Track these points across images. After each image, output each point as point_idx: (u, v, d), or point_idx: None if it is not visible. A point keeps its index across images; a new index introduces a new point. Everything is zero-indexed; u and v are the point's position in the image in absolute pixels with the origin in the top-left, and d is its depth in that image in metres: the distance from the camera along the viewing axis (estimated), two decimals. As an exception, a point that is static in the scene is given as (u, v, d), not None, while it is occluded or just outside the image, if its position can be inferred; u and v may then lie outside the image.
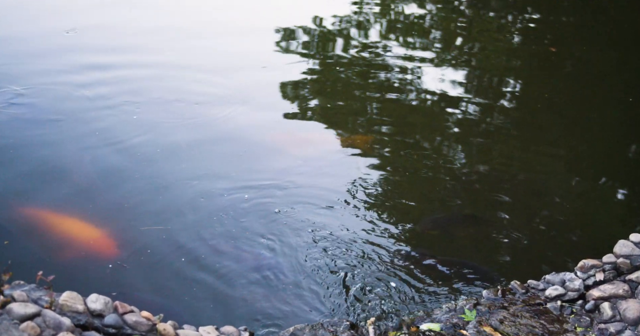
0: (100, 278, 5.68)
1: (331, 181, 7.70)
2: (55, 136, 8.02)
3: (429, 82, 10.80)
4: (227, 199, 7.09)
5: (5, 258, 4.67)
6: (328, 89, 10.69)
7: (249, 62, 11.56)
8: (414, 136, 8.97)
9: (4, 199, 6.61)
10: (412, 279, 5.99)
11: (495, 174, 8.13)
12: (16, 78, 9.82)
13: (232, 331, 4.66)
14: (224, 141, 8.46)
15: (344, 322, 4.99)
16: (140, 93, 9.63)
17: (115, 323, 4.00)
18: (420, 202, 7.52)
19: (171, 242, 6.30)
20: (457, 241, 6.85)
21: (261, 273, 5.98)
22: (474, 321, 4.93)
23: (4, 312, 3.62)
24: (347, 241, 6.49)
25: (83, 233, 6.24)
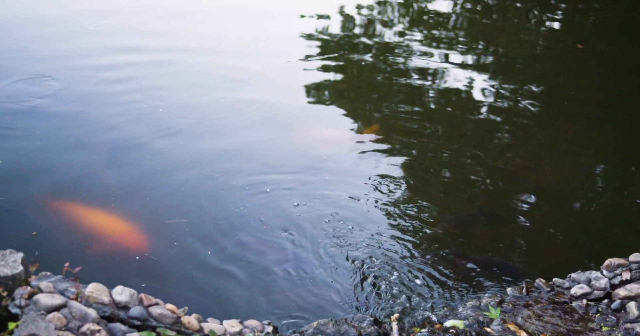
0: (125, 271, 5.71)
1: (352, 175, 7.70)
2: (80, 129, 8.08)
3: (453, 80, 10.75)
4: (249, 193, 7.10)
5: (32, 250, 4.69)
6: (351, 89, 10.68)
7: (274, 50, 11.65)
8: (437, 132, 8.93)
9: (32, 192, 6.65)
10: (437, 276, 5.97)
11: (518, 172, 8.07)
12: (45, 65, 9.94)
13: (255, 325, 4.66)
14: (246, 134, 8.47)
15: (368, 318, 4.97)
16: (165, 83, 9.71)
17: (140, 315, 4.01)
18: (442, 199, 7.49)
19: (195, 235, 6.32)
20: (478, 240, 6.81)
21: (285, 267, 5.98)
22: (498, 319, 4.90)
23: (31, 303, 3.64)
24: (369, 236, 6.48)
25: (108, 226, 6.27)
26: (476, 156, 8.30)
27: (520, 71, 11.61)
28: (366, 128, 8.93)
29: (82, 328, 3.60)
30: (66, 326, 3.57)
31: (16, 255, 3.87)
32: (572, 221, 7.17)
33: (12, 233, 5.95)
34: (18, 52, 10.56)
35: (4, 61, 10.20)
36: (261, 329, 4.63)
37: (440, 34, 13.30)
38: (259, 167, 7.66)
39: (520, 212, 7.18)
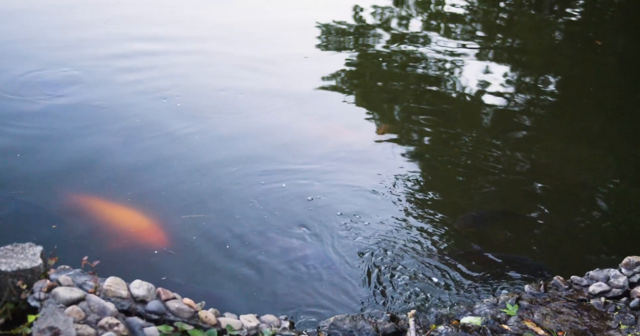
0: (143, 265, 5.72)
1: (368, 169, 7.70)
2: (97, 121, 8.12)
3: (469, 74, 10.72)
4: (265, 188, 7.12)
5: (51, 243, 4.72)
6: (367, 79, 10.70)
7: (291, 40, 11.71)
8: (453, 128, 8.90)
9: (51, 186, 6.68)
10: (454, 273, 5.95)
11: (534, 169, 8.02)
12: (63, 54, 10.02)
13: (272, 319, 4.66)
14: (264, 130, 8.48)
15: (384, 314, 4.96)
16: (185, 80, 9.75)
17: (158, 310, 4.03)
18: (458, 194, 7.47)
19: (211, 230, 6.33)
20: (495, 238, 6.77)
21: (302, 262, 5.98)
22: (515, 316, 4.88)
23: (50, 296, 3.66)
24: (386, 232, 6.48)
25: (126, 220, 6.29)
26: (493, 150, 8.27)
27: (538, 65, 11.55)
28: (379, 129, 8.90)
29: (100, 322, 3.62)
30: (85, 320, 3.59)
31: (35, 248, 3.89)
32: (590, 218, 7.12)
33: (31, 226, 5.98)
34: (37, 42, 10.66)
35: (22, 50, 10.29)
36: (278, 324, 4.63)
37: (457, 26, 13.26)
38: (275, 161, 7.68)
39: (537, 209, 7.14)
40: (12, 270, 3.59)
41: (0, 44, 10.63)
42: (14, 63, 9.76)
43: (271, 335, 4.41)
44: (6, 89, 8.76)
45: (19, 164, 7.03)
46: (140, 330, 3.76)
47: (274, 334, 4.44)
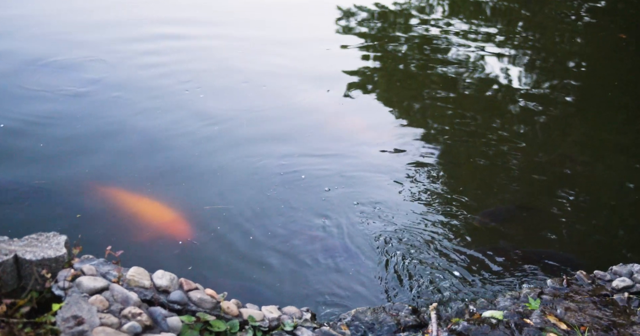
0: (165, 255, 5.75)
1: (388, 163, 7.68)
2: (121, 114, 8.16)
3: (492, 66, 10.66)
4: (284, 178, 7.14)
5: (75, 233, 4.75)
6: (389, 70, 10.67)
7: (312, 35, 11.71)
8: (475, 119, 8.86)
9: (74, 176, 6.72)
10: (476, 267, 5.93)
11: (556, 162, 7.96)
12: (89, 46, 10.09)
13: (294, 311, 4.67)
14: (283, 120, 8.49)
15: (406, 307, 4.96)
16: (206, 67, 9.79)
17: (180, 300, 4.04)
18: (478, 189, 7.42)
19: (233, 222, 6.35)
20: (516, 234, 6.72)
21: (324, 255, 5.98)
22: (538, 311, 4.85)
23: (74, 285, 3.68)
24: (407, 226, 6.46)
25: (149, 211, 6.31)
26: (516, 141, 8.22)
27: (561, 59, 11.45)
28: (404, 117, 8.89)
29: (123, 311, 3.64)
30: (108, 309, 3.61)
31: (59, 238, 3.92)
32: (612, 213, 7.06)
33: (55, 216, 6.02)
34: (58, 26, 10.75)
35: (42, 35, 10.38)
36: (299, 316, 4.64)
37: (479, 22, 13.17)
38: (295, 153, 7.68)
39: (558, 203, 7.09)
40: (37, 259, 3.62)
41: (22, 29, 10.71)
42: (36, 48, 9.84)
43: (293, 326, 4.41)
44: (26, 75, 8.82)
45: (41, 153, 7.08)
46: (162, 320, 3.78)
47: (296, 325, 4.45)
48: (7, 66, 9.20)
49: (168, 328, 3.75)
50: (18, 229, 4.59)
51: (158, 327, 3.73)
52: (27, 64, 9.31)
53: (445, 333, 4.57)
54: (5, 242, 3.76)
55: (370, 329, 4.70)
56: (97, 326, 3.38)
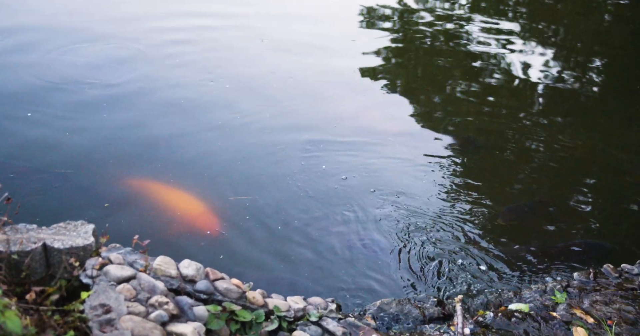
0: (191, 245, 5.77)
1: (411, 155, 7.67)
2: (145, 104, 8.19)
3: (515, 58, 10.58)
4: (307, 168, 7.15)
5: (103, 221, 4.79)
6: (412, 61, 10.64)
7: (339, 31, 11.69)
8: (499, 111, 8.81)
9: (102, 166, 6.76)
10: (502, 260, 5.90)
11: (577, 158, 7.87)
12: (117, 34, 10.18)
13: (319, 302, 4.66)
14: (305, 111, 8.51)
15: (431, 298, 4.94)
16: (233, 60, 9.83)
17: (206, 289, 4.04)
18: (503, 181, 7.37)
19: (258, 212, 6.37)
20: (540, 228, 6.66)
21: (350, 246, 5.98)
22: (564, 304, 4.81)
23: (101, 274, 3.69)
24: (431, 218, 6.45)
25: (177, 201, 6.33)
26: (538, 134, 8.15)
27: (586, 49, 11.35)
28: (425, 111, 8.85)
29: (150, 300, 3.65)
30: (135, 298, 3.62)
31: (87, 226, 3.93)
32: (636, 206, 6.99)
33: (83, 204, 6.06)
34: (87, 15, 10.82)
35: (71, 22, 10.47)
36: (325, 306, 4.63)
37: (499, 17, 13.08)
38: (318, 143, 7.67)
39: (582, 197, 7.03)
40: (65, 248, 3.63)
41: (51, 16, 10.78)
42: (65, 36, 9.92)
43: (318, 317, 4.41)
44: (52, 66, 8.89)
45: (66, 143, 7.13)
46: (189, 309, 3.78)
47: (321, 316, 4.44)
48: (32, 57, 9.27)
49: (194, 317, 3.76)
50: (46, 218, 4.61)
51: (185, 316, 3.74)
52: (54, 53, 9.38)
53: (471, 326, 4.55)
54: (34, 230, 3.78)
55: (396, 320, 4.69)
56: (124, 315, 3.39)
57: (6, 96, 8.07)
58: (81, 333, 3.17)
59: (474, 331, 4.50)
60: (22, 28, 10.44)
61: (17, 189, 6.00)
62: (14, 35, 10.14)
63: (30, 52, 9.48)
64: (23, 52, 9.47)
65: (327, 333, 4.36)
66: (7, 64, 9.07)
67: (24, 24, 10.59)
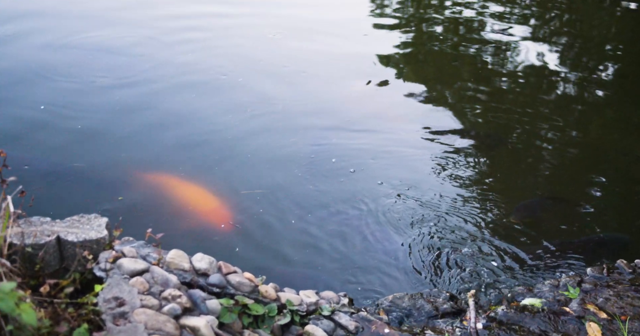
0: (204, 239, 5.77)
1: (423, 149, 7.63)
2: (158, 99, 8.21)
3: (526, 52, 10.54)
4: (317, 160, 7.13)
5: (116, 215, 4.79)
6: (425, 53, 10.63)
7: (352, 20, 11.71)
8: (511, 106, 8.77)
9: (115, 160, 6.76)
10: (514, 256, 5.88)
11: (590, 152, 7.81)
12: (129, 22, 10.19)
13: (332, 296, 4.67)
14: (319, 104, 8.51)
15: (444, 293, 4.93)
16: (245, 53, 9.82)
17: (219, 283, 4.05)
18: (517, 175, 7.32)
19: (270, 206, 6.37)
20: (551, 226, 6.61)
21: (361, 240, 5.97)
22: (577, 299, 4.79)
23: (115, 267, 3.70)
24: (445, 213, 6.43)
25: (190, 195, 6.33)
26: (550, 128, 8.11)
27: (598, 43, 11.28)
28: (439, 102, 8.83)
29: (163, 293, 3.65)
30: (148, 291, 3.63)
31: (101, 220, 3.94)
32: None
33: (96, 198, 6.07)
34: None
35: (82, 11, 10.49)
36: (337, 300, 4.63)
37: (513, 6, 13.02)
38: (328, 134, 7.69)
39: (593, 193, 6.99)
40: (79, 241, 3.64)
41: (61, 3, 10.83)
42: (76, 25, 9.96)
43: (330, 311, 4.41)
44: (66, 55, 8.93)
45: (79, 138, 7.15)
46: (202, 303, 3.79)
47: (333, 310, 4.44)
48: (44, 45, 9.30)
49: (207, 310, 3.77)
50: (60, 211, 4.62)
51: (197, 310, 3.75)
52: (65, 41, 9.42)
53: (484, 320, 4.54)
54: (48, 223, 3.79)
55: (408, 315, 4.68)
56: (137, 308, 3.40)
57: (18, 87, 8.09)
58: (95, 325, 3.18)
59: (486, 326, 4.48)
60: (37, 13, 10.49)
61: (31, 182, 6.01)
62: (29, 19, 10.20)
63: (42, 40, 9.51)
64: (35, 41, 9.50)
65: (340, 327, 4.36)
66: (21, 52, 9.10)
67: (41, 10, 10.66)
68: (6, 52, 9.11)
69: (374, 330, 4.38)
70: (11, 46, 9.30)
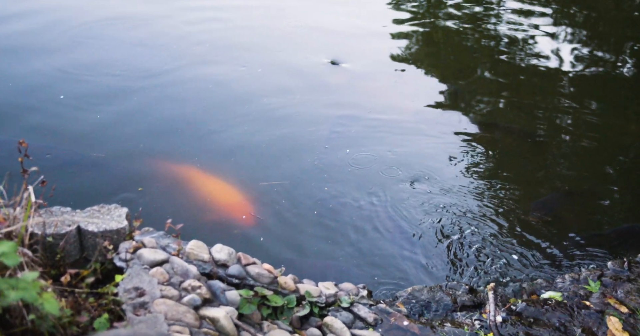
0: (223, 230, 5.77)
1: (439, 140, 7.59)
2: (176, 90, 8.21)
3: (543, 46, 10.47)
4: (331, 151, 7.12)
5: (136, 206, 4.81)
6: (440, 46, 10.59)
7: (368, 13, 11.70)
8: (528, 98, 8.71)
9: (134, 151, 6.77)
10: (534, 249, 5.82)
11: (608, 144, 7.73)
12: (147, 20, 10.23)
13: (350, 288, 4.66)
14: (337, 95, 8.50)
15: (463, 286, 4.91)
16: (265, 43, 9.80)
17: (238, 274, 4.05)
18: (533, 169, 7.25)
19: (289, 197, 6.34)
20: (572, 220, 6.55)
21: (381, 233, 5.94)
22: (598, 293, 4.76)
23: (135, 257, 3.71)
24: (462, 207, 6.37)
25: (210, 187, 6.33)
26: (564, 126, 8.03)
27: (616, 38, 11.17)
28: (454, 92, 8.80)
29: (183, 284, 3.66)
30: (168, 282, 3.64)
31: (121, 210, 3.95)
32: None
33: (117, 188, 6.09)
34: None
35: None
36: (356, 292, 4.63)
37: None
38: (345, 124, 7.69)
39: (610, 186, 6.91)
40: (99, 231, 3.65)
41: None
42: (94, 16, 10.01)
43: (349, 302, 4.41)
44: (82, 46, 8.97)
45: (99, 128, 7.17)
46: (221, 294, 3.80)
47: (352, 302, 4.44)
48: (61, 36, 9.33)
49: (227, 301, 3.77)
50: (80, 201, 4.63)
51: (217, 300, 3.76)
52: (80, 31, 9.46)
53: (503, 314, 4.52)
54: (69, 213, 3.80)
55: (427, 307, 4.67)
56: (157, 298, 3.41)
57: (37, 78, 8.11)
58: (115, 315, 3.19)
59: (506, 319, 4.46)
60: (52, 8, 10.53)
61: (52, 172, 6.03)
62: (47, 14, 10.24)
63: (59, 32, 9.54)
64: (53, 32, 9.53)
65: (359, 319, 4.36)
66: (40, 43, 9.13)
67: (56, 4, 10.71)
68: (26, 43, 9.14)
69: (393, 322, 4.37)
70: (29, 39, 9.33)
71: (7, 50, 8.87)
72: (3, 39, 9.23)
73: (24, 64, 8.45)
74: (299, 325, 4.15)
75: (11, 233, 2.98)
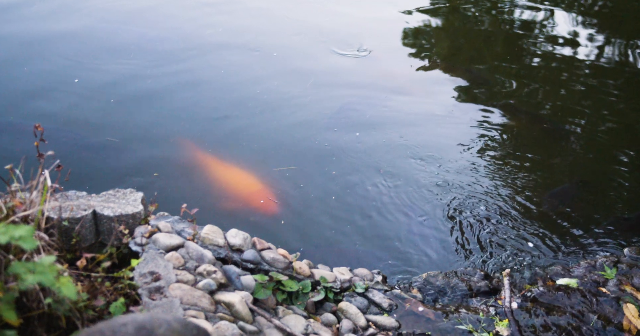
0: (238, 215, 5.76)
1: (457, 128, 7.54)
2: (190, 75, 8.18)
3: (557, 32, 10.37)
4: (342, 138, 7.09)
5: (152, 190, 4.80)
6: (457, 33, 10.51)
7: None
8: (541, 85, 8.65)
9: (154, 136, 6.77)
10: (550, 235, 5.79)
11: (620, 135, 7.65)
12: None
13: (365, 273, 4.65)
14: (347, 78, 8.47)
15: (478, 272, 4.89)
16: (280, 29, 9.77)
17: (253, 259, 4.05)
18: (548, 156, 7.18)
19: (302, 182, 6.32)
20: (586, 209, 6.49)
21: (396, 218, 5.93)
22: (614, 280, 4.73)
23: (150, 242, 3.71)
24: (477, 194, 6.33)
25: (225, 172, 6.33)
26: (576, 117, 7.96)
27: (630, 29, 11.04)
28: (469, 82, 8.73)
29: (198, 269, 3.66)
30: (183, 266, 3.64)
31: (136, 194, 3.95)
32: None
33: (132, 173, 6.08)
34: None
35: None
36: (371, 278, 4.62)
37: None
38: (357, 108, 7.68)
39: (621, 175, 6.85)
40: (115, 215, 3.66)
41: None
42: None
43: (364, 288, 4.40)
44: (100, 32, 8.97)
45: (118, 112, 7.17)
46: (236, 278, 3.80)
47: (367, 287, 4.43)
48: (77, 23, 9.33)
49: (242, 286, 3.77)
50: (96, 185, 4.64)
51: (232, 285, 3.76)
52: (94, 20, 9.45)
53: (519, 300, 4.50)
54: (84, 197, 3.81)
55: (442, 293, 4.66)
56: (173, 283, 3.41)
57: (52, 64, 8.11)
58: (131, 300, 3.19)
59: (521, 305, 4.45)
60: None
61: (68, 156, 6.05)
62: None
63: (74, 19, 9.52)
64: (67, 19, 9.51)
65: (373, 304, 4.35)
66: (52, 29, 9.12)
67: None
68: (39, 29, 9.12)
69: (407, 307, 4.37)
70: (40, 24, 9.31)
71: (24, 37, 8.86)
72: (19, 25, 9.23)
73: (38, 51, 8.44)
74: (313, 310, 4.15)
75: (28, 217, 2.98)
